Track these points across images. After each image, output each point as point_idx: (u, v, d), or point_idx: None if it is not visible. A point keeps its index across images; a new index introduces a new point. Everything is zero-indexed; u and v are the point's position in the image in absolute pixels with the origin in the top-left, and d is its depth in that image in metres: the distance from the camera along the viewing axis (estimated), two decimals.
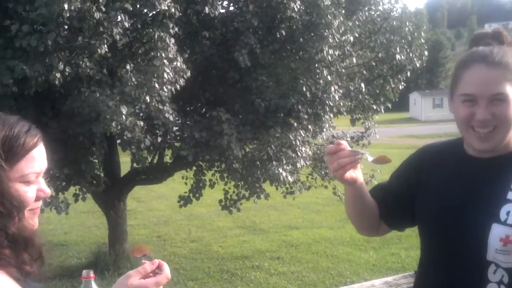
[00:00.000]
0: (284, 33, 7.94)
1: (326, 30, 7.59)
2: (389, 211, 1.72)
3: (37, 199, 1.16)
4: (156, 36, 6.47)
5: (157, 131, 7.86)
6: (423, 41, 9.97)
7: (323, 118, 8.39)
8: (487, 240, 1.41)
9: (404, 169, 1.74)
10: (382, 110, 9.99)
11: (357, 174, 1.55)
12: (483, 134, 1.46)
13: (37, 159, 1.13)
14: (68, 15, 5.46)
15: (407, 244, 10.33)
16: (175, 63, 6.53)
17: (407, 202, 1.68)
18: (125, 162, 9.17)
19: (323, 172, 9.04)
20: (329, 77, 7.83)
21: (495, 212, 1.41)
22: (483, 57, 1.46)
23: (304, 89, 7.61)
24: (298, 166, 8.19)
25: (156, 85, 6.29)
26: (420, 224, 1.67)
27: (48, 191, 1.17)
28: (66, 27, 5.85)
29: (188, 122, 7.98)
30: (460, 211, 1.50)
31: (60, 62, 5.77)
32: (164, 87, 6.45)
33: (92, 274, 1.29)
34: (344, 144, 1.49)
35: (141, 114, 7.13)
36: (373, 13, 9.89)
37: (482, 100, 1.43)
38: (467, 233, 1.47)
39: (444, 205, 1.56)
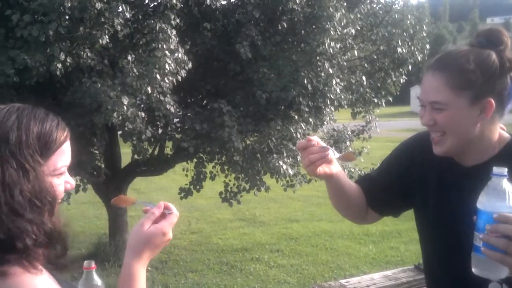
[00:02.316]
0: (285, 25, 7.91)
1: (328, 23, 7.56)
2: (379, 200, 1.72)
3: (64, 190, 1.17)
4: (157, 27, 6.45)
5: (158, 123, 7.86)
6: (425, 34, 9.93)
7: (324, 111, 8.38)
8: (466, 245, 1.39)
9: (395, 160, 1.73)
10: (383, 103, 9.97)
11: (331, 168, 1.56)
12: (435, 138, 1.49)
13: (66, 152, 1.15)
14: (69, 5, 5.44)
15: (406, 238, 10.35)
16: (176, 54, 6.51)
17: (398, 192, 1.68)
18: (126, 153, 9.17)
19: None
20: (330, 70, 7.82)
21: None
22: (433, 62, 1.47)
23: (305, 81, 7.59)
24: (298, 159, 8.19)
25: (158, 76, 6.28)
26: (418, 228, 1.67)
27: (73, 182, 1.18)
28: (67, 17, 5.84)
29: (189, 114, 7.97)
30: (456, 225, 1.50)
31: (61, 52, 5.75)
32: (166, 78, 6.44)
33: (93, 264, 1.29)
34: (315, 139, 1.51)
35: (142, 105, 7.12)
36: (375, 6, 9.84)
37: (427, 106, 1.46)
38: (464, 245, 1.43)
39: (440, 218, 1.56)
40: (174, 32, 6.59)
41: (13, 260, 0.97)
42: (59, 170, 1.12)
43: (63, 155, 1.13)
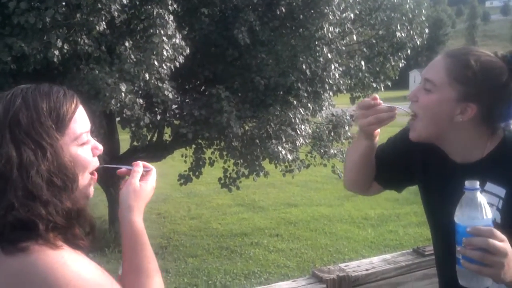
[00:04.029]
0: (284, 10, 7.86)
1: (326, 7, 7.52)
2: (383, 174, 1.72)
3: (93, 156, 1.18)
4: (154, 13, 6.41)
5: (156, 109, 7.85)
6: (423, 18, 9.89)
7: (323, 96, 8.37)
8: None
9: (400, 143, 1.71)
10: (382, 88, 9.96)
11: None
12: (410, 123, 1.50)
13: (83, 117, 1.14)
14: None
15: (405, 221, 10.42)
16: (174, 40, 6.48)
17: (401, 170, 1.68)
18: (125, 140, 9.18)
19: (322, 151, 9.06)
20: (329, 55, 7.79)
21: None
22: (450, 49, 1.48)
23: (304, 66, 7.56)
24: (297, 144, 8.20)
25: (155, 62, 6.25)
26: (423, 208, 1.69)
27: (101, 146, 1.19)
28: (64, 3, 5.79)
29: (187, 100, 7.96)
30: (445, 220, 1.49)
31: (58, 39, 5.72)
32: (163, 65, 6.41)
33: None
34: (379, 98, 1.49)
35: (140, 92, 7.10)
36: None
37: (422, 82, 1.46)
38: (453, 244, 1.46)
39: (435, 209, 1.59)
40: (171, 17, 6.54)
41: (34, 237, 0.97)
42: (81, 137, 1.11)
43: (80, 122, 1.12)
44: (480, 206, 1.20)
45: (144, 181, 1.26)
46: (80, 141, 1.11)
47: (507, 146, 1.44)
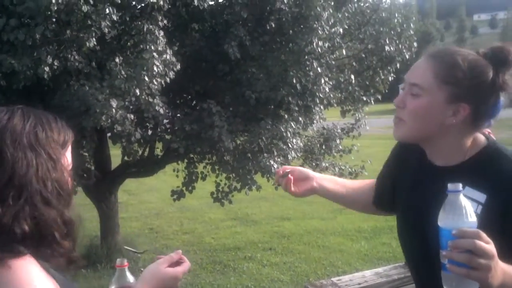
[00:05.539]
0: (273, 25, 7.92)
1: (316, 22, 7.58)
2: (381, 199, 1.77)
3: None
4: (145, 29, 6.44)
5: (147, 124, 7.85)
6: (412, 32, 9.98)
7: (314, 110, 8.40)
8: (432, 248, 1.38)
9: (387, 162, 1.77)
10: (372, 101, 10.02)
11: (303, 186, 1.74)
12: (394, 121, 1.52)
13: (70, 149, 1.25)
14: (55, 8, 5.41)
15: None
16: (164, 56, 6.50)
17: (391, 191, 1.71)
18: (116, 155, 9.15)
19: (314, 164, 9.08)
20: (319, 69, 7.84)
21: None
22: (432, 50, 1.47)
23: (294, 81, 7.61)
24: (289, 158, 8.21)
25: (146, 78, 6.26)
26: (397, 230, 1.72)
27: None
28: (54, 20, 5.80)
29: (179, 115, 7.96)
30: (422, 224, 1.52)
31: (49, 56, 5.72)
32: (154, 80, 6.42)
33: (125, 262, 1.33)
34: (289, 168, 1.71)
35: (131, 107, 7.09)
36: (362, 4, 9.88)
37: (406, 87, 1.46)
38: (431, 250, 1.42)
39: (409, 218, 1.63)
40: (162, 33, 6.57)
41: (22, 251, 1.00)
42: (70, 165, 1.22)
43: (70, 152, 1.24)
44: (464, 208, 1.19)
45: (173, 268, 1.32)
46: (69, 168, 1.22)
47: (489, 152, 1.44)
